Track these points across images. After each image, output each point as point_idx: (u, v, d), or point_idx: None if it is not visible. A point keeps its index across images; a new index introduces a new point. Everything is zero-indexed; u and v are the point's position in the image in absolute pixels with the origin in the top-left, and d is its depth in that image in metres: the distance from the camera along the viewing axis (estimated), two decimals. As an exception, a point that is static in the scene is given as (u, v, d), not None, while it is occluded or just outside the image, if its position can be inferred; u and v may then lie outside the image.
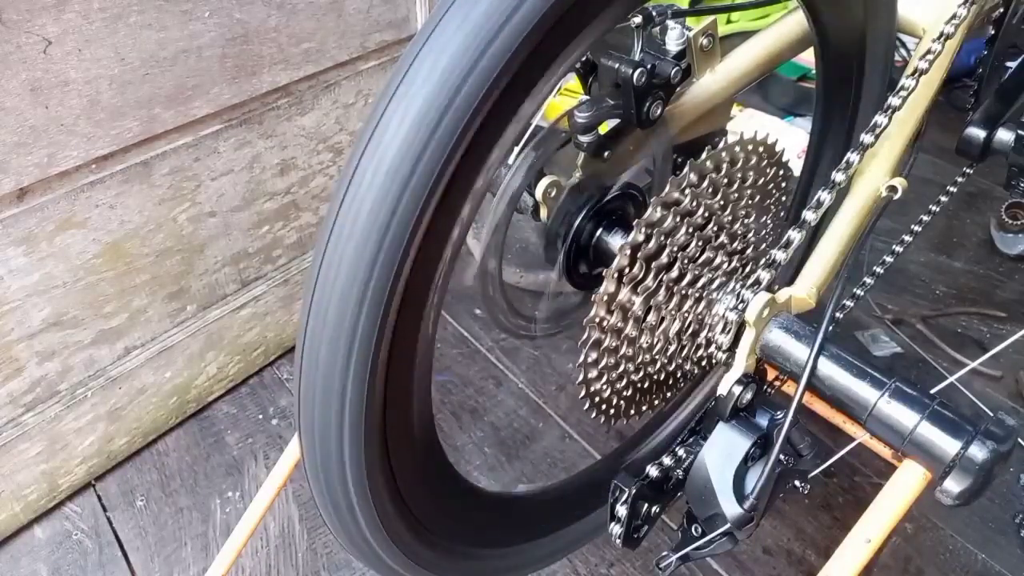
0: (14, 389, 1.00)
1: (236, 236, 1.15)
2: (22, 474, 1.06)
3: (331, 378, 0.50)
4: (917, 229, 0.95)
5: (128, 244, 1.02)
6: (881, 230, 0.85)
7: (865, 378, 0.59)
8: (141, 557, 1.07)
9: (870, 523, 0.58)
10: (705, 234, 0.63)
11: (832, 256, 0.72)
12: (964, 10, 0.68)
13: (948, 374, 1.08)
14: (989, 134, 1.06)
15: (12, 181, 0.87)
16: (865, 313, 1.37)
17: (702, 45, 0.69)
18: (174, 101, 0.97)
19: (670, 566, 0.63)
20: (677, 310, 0.64)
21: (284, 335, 1.33)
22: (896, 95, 0.65)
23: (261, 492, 0.90)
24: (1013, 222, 1.49)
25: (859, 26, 0.76)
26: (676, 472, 0.64)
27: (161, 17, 0.90)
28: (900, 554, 1.05)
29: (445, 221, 0.49)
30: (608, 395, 0.65)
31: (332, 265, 0.48)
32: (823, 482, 1.13)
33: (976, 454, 0.54)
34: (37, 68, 0.83)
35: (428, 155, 0.45)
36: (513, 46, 0.45)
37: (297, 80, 1.10)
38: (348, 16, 1.11)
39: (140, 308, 1.08)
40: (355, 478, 0.54)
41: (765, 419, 0.62)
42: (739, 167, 0.63)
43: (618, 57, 0.61)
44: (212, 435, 1.23)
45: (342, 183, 0.48)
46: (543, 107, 0.52)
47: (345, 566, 1.05)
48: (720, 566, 1.04)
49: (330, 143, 1.21)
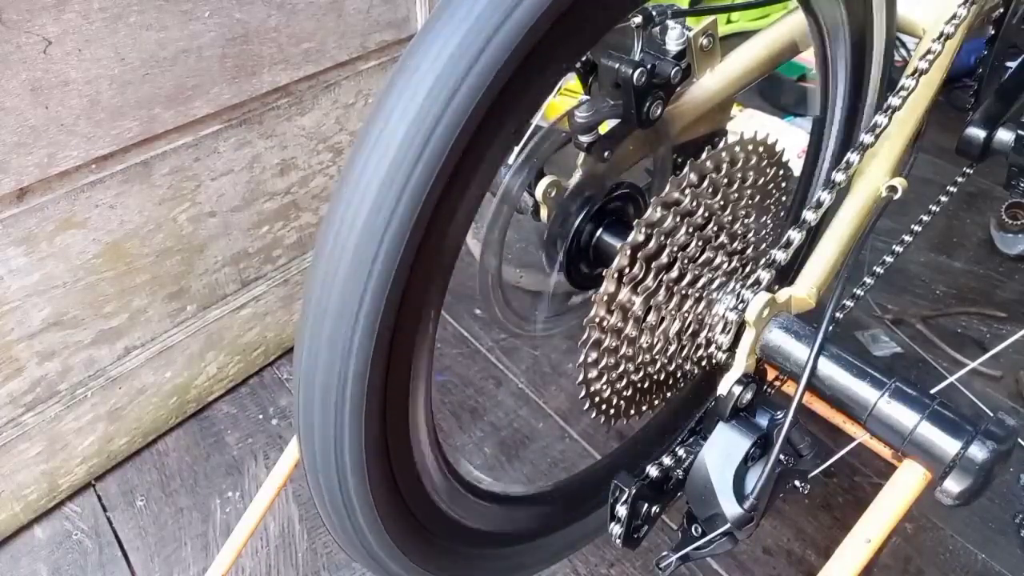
0: (14, 389, 1.00)
1: (236, 236, 1.15)
2: (22, 474, 1.06)
3: (330, 378, 0.50)
4: (917, 229, 0.95)
5: (128, 244, 1.02)
6: (881, 230, 0.85)
7: (865, 378, 0.59)
8: (141, 557, 1.07)
9: (870, 523, 0.58)
10: (705, 234, 0.63)
11: (832, 256, 0.72)
12: (964, 10, 0.68)
13: (948, 374, 1.08)
14: (989, 134, 1.06)
15: (12, 181, 0.87)
16: (865, 313, 1.37)
17: (702, 45, 0.69)
18: (174, 101, 0.97)
19: (670, 566, 0.64)
20: (677, 310, 0.64)
21: (284, 335, 1.33)
22: (896, 95, 0.65)
23: (261, 492, 0.90)
24: (1013, 222, 1.49)
25: (859, 26, 0.76)
26: (676, 472, 0.64)
27: (161, 17, 0.90)
28: (900, 554, 1.05)
29: (445, 221, 0.49)
30: (608, 395, 0.65)
31: (332, 265, 0.48)
32: (823, 482, 1.13)
33: (976, 454, 0.54)
34: (37, 68, 0.83)
35: (428, 155, 0.45)
36: (513, 46, 0.45)
37: (297, 80, 1.10)
38: (348, 16, 1.11)
39: (140, 308, 1.08)
40: (354, 478, 0.54)
41: (765, 419, 0.62)
42: (739, 167, 0.63)
43: (618, 57, 0.61)
44: (212, 435, 1.23)
45: (342, 183, 0.48)
46: (543, 107, 0.52)
47: (345, 566, 1.05)
48: (720, 566, 1.04)
49: (330, 143, 1.21)
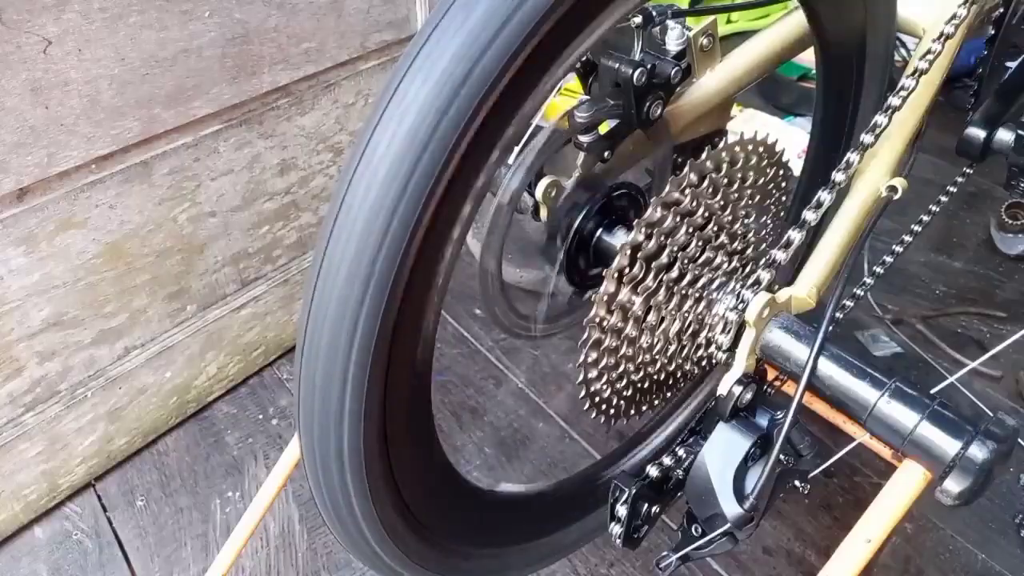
0: (14, 389, 1.00)
1: (236, 236, 1.15)
2: (22, 474, 1.06)
3: (331, 378, 0.50)
4: (917, 229, 0.95)
5: (128, 244, 1.02)
6: (881, 230, 0.85)
7: (865, 378, 0.59)
8: (141, 557, 1.07)
9: (870, 523, 0.58)
10: (705, 234, 0.63)
11: (832, 256, 0.72)
12: (964, 10, 0.68)
13: (948, 374, 1.07)
14: (989, 134, 1.06)
15: (12, 181, 0.87)
16: (865, 313, 1.37)
17: (702, 45, 0.69)
18: (174, 101, 0.97)
19: (670, 566, 0.63)
20: (677, 310, 0.64)
21: (284, 335, 1.33)
22: (896, 95, 0.65)
23: (261, 492, 0.90)
24: (1013, 222, 1.49)
25: (859, 26, 0.76)
26: (676, 472, 0.64)
27: (161, 17, 0.90)
28: (900, 554, 1.05)
29: (445, 221, 0.49)
30: (608, 395, 0.65)
31: (332, 265, 0.48)
32: (823, 482, 1.13)
33: (976, 454, 0.54)
34: (37, 68, 0.83)
35: (428, 155, 0.45)
36: (513, 46, 0.45)
37: (297, 80, 1.10)
38: (348, 16, 1.11)
39: (140, 308, 1.08)
40: (355, 478, 0.54)
41: (765, 419, 0.62)
42: (739, 167, 0.63)
43: (618, 57, 0.61)
44: (212, 435, 1.23)
45: (342, 183, 0.48)
46: (543, 107, 0.52)
47: (345, 566, 1.05)
48: (720, 566, 1.04)
49: (330, 143, 1.21)
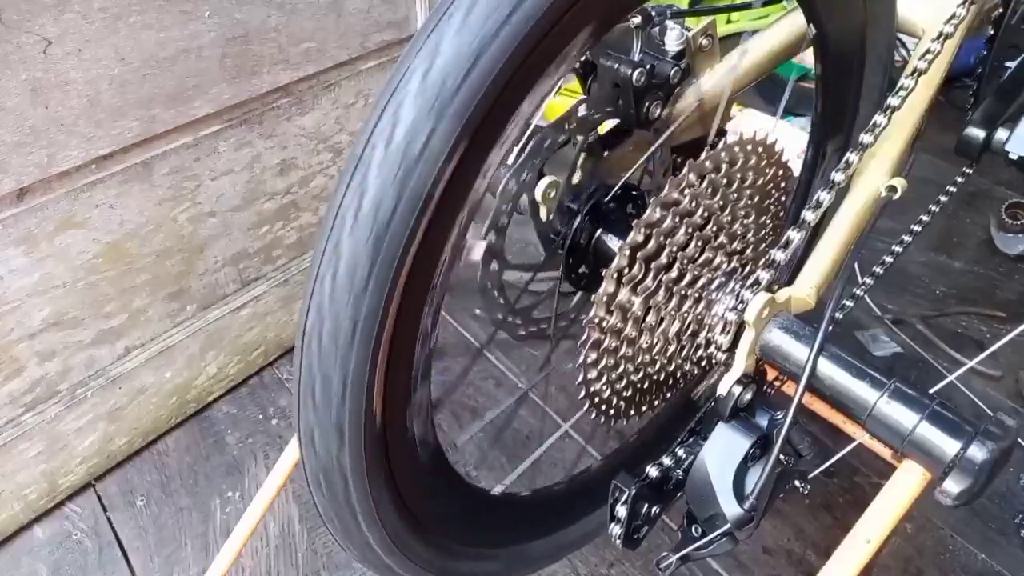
0: (14, 389, 1.00)
1: (236, 236, 1.15)
2: (22, 474, 1.06)
3: (330, 378, 0.50)
4: (917, 229, 0.95)
5: (128, 244, 1.02)
6: (881, 230, 0.85)
7: (865, 378, 0.59)
8: (141, 557, 1.07)
9: (870, 523, 0.58)
10: (704, 234, 0.63)
11: (832, 256, 0.72)
12: (963, 10, 0.68)
13: (948, 374, 1.07)
14: (988, 134, 1.06)
15: (12, 181, 0.87)
16: (865, 313, 1.37)
17: (701, 45, 0.69)
18: (174, 101, 0.97)
19: (670, 566, 0.63)
20: (676, 310, 0.64)
21: (284, 335, 1.33)
22: (896, 95, 0.65)
23: (261, 492, 0.90)
24: (1013, 222, 1.49)
25: (859, 26, 0.76)
26: (676, 472, 0.64)
27: (161, 17, 0.90)
28: (900, 554, 1.05)
29: (445, 221, 0.49)
30: (608, 395, 0.65)
31: (332, 265, 0.48)
32: (823, 482, 1.13)
33: (976, 454, 0.54)
34: (37, 68, 0.83)
35: (428, 155, 0.45)
36: (512, 46, 0.45)
37: (297, 80, 1.10)
38: (348, 16, 1.11)
39: (140, 308, 1.08)
40: (354, 478, 0.54)
41: (765, 419, 0.62)
42: (738, 167, 0.63)
43: (617, 57, 0.61)
44: (212, 435, 1.23)
45: (342, 183, 0.48)
46: (543, 107, 0.52)
47: (345, 566, 1.05)
48: (720, 566, 1.04)
49: (330, 143, 1.21)
